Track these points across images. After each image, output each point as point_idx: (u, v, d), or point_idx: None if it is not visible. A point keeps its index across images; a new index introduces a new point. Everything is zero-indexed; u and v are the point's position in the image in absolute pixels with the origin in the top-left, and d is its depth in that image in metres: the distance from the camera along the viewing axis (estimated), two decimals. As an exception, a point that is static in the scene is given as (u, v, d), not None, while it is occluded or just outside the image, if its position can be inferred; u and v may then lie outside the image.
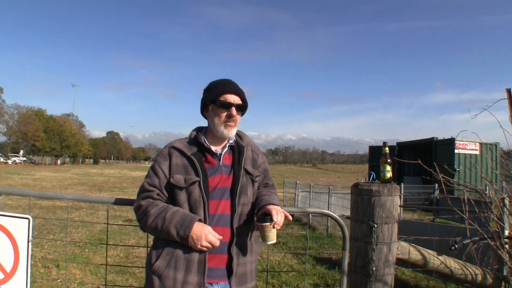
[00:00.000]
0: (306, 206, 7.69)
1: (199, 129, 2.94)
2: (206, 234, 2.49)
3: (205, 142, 2.79)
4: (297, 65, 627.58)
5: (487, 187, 5.37)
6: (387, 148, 3.48)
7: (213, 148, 2.80)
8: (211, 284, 2.60)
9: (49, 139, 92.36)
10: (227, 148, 2.86)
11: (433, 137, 25.11)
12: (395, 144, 30.10)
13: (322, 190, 16.12)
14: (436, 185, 17.78)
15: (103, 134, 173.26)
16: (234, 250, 2.66)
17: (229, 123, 2.77)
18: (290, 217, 2.76)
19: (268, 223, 2.55)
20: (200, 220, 2.55)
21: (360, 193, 3.36)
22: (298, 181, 19.13)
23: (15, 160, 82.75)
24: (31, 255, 3.23)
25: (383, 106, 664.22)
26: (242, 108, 2.86)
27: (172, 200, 2.69)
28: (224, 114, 2.77)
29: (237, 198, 2.70)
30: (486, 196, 4.56)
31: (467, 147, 24.30)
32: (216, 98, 2.79)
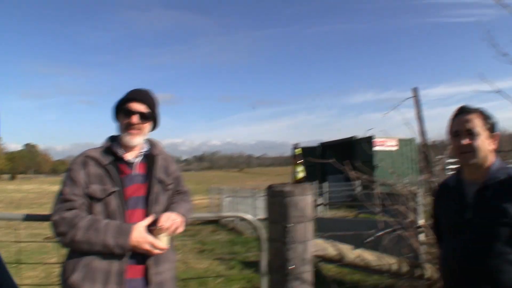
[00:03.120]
0: (220, 212, 7.75)
1: (113, 138, 2.90)
2: (145, 238, 2.51)
3: (118, 152, 2.78)
4: (218, 70, 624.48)
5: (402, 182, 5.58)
6: (297, 150, 3.56)
7: (127, 157, 2.80)
8: None
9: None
10: (140, 156, 2.87)
11: (353, 136, 25.75)
12: (319, 144, 30.72)
13: (247, 194, 16.24)
14: (357, 182, 18.13)
15: (20, 147, 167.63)
16: (151, 260, 2.65)
17: (131, 131, 2.78)
18: (180, 229, 2.77)
19: (155, 228, 2.58)
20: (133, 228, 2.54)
21: (273, 194, 3.44)
22: (222, 187, 19.20)
23: None
24: None
25: (306, 108, 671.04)
26: (146, 117, 2.84)
27: (88, 210, 2.63)
28: (126, 121, 2.78)
29: (151, 207, 2.72)
30: (399, 190, 4.77)
31: (385, 144, 25.03)
32: (121, 105, 2.82)
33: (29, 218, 3.30)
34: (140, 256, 2.63)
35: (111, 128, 2.97)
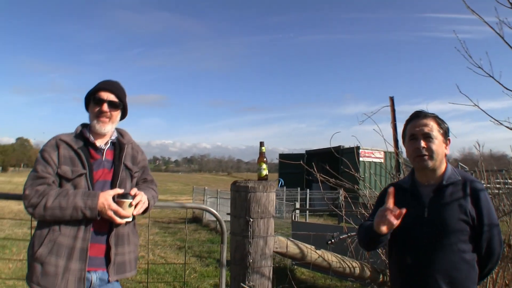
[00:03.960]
0: (184, 203, 7.86)
1: (84, 125, 3.05)
2: (110, 204, 2.64)
3: (90, 137, 2.92)
4: (210, 74, 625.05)
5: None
6: (263, 148, 3.67)
7: (97, 143, 2.94)
8: (89, 272, 2.71)
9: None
10: (109, 144, 3.01)
11: (340, 146, 25.82)
12: (304, 152, 30.83)
13: (229, 196, 16.24)
14: (341, 191, 18.00)
15: (12, 141, 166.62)
16: (112, 240, 2.79)
17: (101, 119, 2.92)
18: (142, 209, 2.86)
19: (122, 199, 2.69)
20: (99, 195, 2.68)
21: (238, 189, 3.55)
22: (206, 187, 19.27)
23: None
24: None
25: (297, 116, 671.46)
26: (115, 106, 2.98)
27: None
28: (96, 109, 2.92)
29: None
30: (362, 194, 4.88)
31: (372, 155, 25.18)
32: (91, 94, 2.96)
33: (3, 196, 3.45)
34: (104, 236, 2.79)
35: None
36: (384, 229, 2.44)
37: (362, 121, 5.21)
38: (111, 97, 2.96)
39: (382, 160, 25.34)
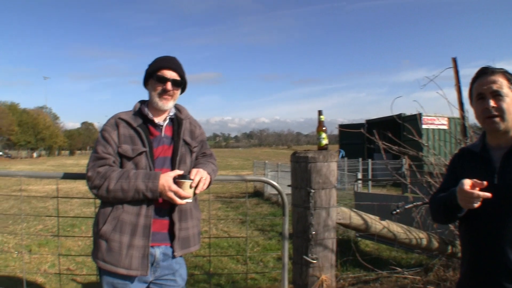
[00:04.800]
0: (245, 176, 7.86)
1: (142, 102, 3.02)
2: (170, 185, 2.60)
3: (149, 114, 2.88)
4: (263, 48, 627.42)
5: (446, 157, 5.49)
6: (322, 117, 3.56)
7: (156, 120, 2.90)
8: (152, 247, 2.71)
9: (23, 133, 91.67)
10: (167, 120, 2.96)
11: (401, 113, 25.23)
12: (365, 121, 30.38)
13: (289, 169, 16.20)
14: (404, 160, 17.65)
15: (78, 125, 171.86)
16: (176, 215, 2.77)
17: (165, 96, 2.87)
18: (205, 186, 2.81)
19: (182, 180, 2.64)
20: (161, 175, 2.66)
21: (297, 160, 3.47)
22: (266, 161, 19.23)
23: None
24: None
25: (355, 86, 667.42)
26: (178, 84, 2.94)
27: (119, 168, 2.77)
28: (160, 88, 2.87)
29: (177, 166, 2.82)
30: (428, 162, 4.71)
31: (435, 122, 24.51)
32: (154, 72, 2.90)
33: (67, 176, 3.53)
34: (167, 212, 2.77)
35: None
36: (475, 205, 2.25)
37: (424, 85, 5.01)
38: (174, 75, 2.91)
39: (446, 127, 24.67)
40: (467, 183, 2.13)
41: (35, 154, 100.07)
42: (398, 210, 4.22)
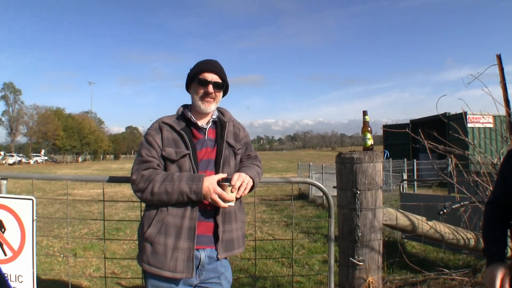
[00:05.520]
0: (290, 178, 7.82)
1: (185, 106, 3.06)
2: (214, 188, 2.62)
3: (192, 118, 2.92)
4: (306, 50, 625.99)
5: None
6: (367, 117, 3.54)
7: (199, 123, 2.93)
8: (197, 250, 2.73)
9: (69, 137, 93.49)
10: (211, 123, 2.99)
11: (446, 112, 24.88)
12: (409, 122, 30.07)
13: (334, 171, 16.10)
14: (450, 159, 17.37)
15: (122, 130, 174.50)
16: (220, 218, 2.79)
17: (207, 99, 2.89)
18: (246, 191, 2.80)
19: (225, 183, 2.65)
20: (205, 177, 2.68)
21: (343, 161, 3.46)
22: (311, 163, 19.16)
23: (36, 160, 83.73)
24: (36, 234, 3.40)
25: (398, 86, 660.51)
26: (219, 86, 2.96)
27: (164, 171, 2.80)
28: (202, 91, 2.90)
29: (221, 169, 2.84)
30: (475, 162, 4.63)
31: (480, 121, 24.09)
32: (195, 76, 2.93)
33: (112, 180, 3.61)
34: (211, 214, 2.79)
35: None
36: None
37: (469, 83, 4.92)
38: (215, 78, 2.93)
39: (492, 125, 24.23)
40: (498, 277, 2.11)
41: (80, 159, 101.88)
42: (445, 210, 4.16)
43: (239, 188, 2.71)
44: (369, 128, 3.55)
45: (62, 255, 8.02)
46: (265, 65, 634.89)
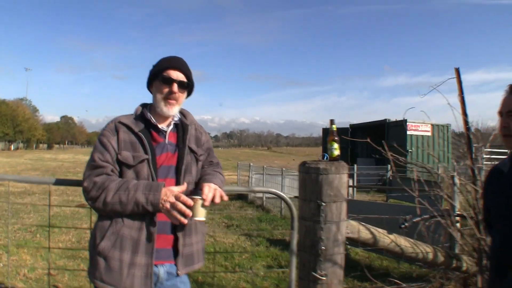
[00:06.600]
0: (253, 186, 7.72)
1: (144, 105, 2.81)
2: (174, 203, 2.37)
3: (152, 119, 2.68)
4: (248, 49, 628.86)
5: (438, 167, 5.39)
6: (334, 126, 3.40)
7: (159, 125, 2.70)
8: (156, 266, 2.51)
9: (1, 124, 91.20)
10: (172, 125, 2.77)
11: (386, 119, 25.49)
12: (348, 126, 30.57)
13: (276, 172, 16.23)
14: (389, 166, 17.97)
15: (57, 119, 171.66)
16: (180, 230, 2.57)
17: (170, 100, 2.67)
18: (226, 197, 2.66)
19: (196, 197, 2.43)
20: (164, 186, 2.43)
21: (307, 171, 3.29)
22: (251, 164, 19.07)
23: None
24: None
25: (336, 89, 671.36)
26: (185, 86, 2.74)
27: (119, 177, 2.54)
28: (166, 89, 2.67)
29: (182, 177, 2.63)
30: (436, 175, 4.57)
31: (419, 129, 24.79)
32: (159, 73, 2.69)
33: (59, 182, 3.27)
34: (170, 226, 2.57)
35: (141, 102, 2.85)
36: None
37: (424, 94, 4.87)
38: (181, 76, 2.70)
39: (430, 133, 24.95)
40: None
41: (12, 147, 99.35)
42: (406, 224, 4.08)
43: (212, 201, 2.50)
44: (336, 138, 3.40)
45: None
46: (206, 60, 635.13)
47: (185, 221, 2.41)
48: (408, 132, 23.74)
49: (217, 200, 2.55)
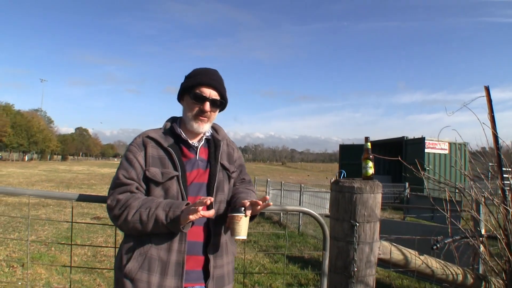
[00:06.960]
0: (284, 205, 7.64)
1: (174, 120, 2.72)
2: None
3: (182, 134, 2.58)
4: (262, 64, 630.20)
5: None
6: (369, 144, 3.32)
7: (190, 140, 2.60)
8: None
9: (16, 135, 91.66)
10: (203, 141, 2.66)
11: (404, 136, 25.33)
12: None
13: (293, 188, 16.06)
14: (407, 183, 17.91)
15: (72, 130, 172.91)
16: (211, 251, 2.46)
17: (201, 118, 2.57)
18: (271, 203, 2.46)
19: (240, 214, 2.33)
20: (188, 205, 2.27)
21: (341, 190, 3.21)
22: (268, 179, 18.95)
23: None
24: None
25: (351, 105, 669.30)
26: (218, 104, 2.63)
27: (146, 195, 2.44)
28: (197, 108, 2.56)
29: (214, 194, 2.51)
30: (467, 194, 4.48)
31: (436, 147, 24.60)
32: (191, 88, 2.57)
33: (82, 198, 3.14)
34: (201, 247, 2.45)
35: (156, 117, 2.75)
36: None
37: (452, 112, 4.78)
38: (214, 94, 2.59)
39: (447, 151, 24.76)
40: None
41: (26, 157, 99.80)
42: (438, 245, 3.99)
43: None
44: (371, 156, 3.31)
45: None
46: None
47: (211, 213, 2.29)
48: (426, 150, 23.61)
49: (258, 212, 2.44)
